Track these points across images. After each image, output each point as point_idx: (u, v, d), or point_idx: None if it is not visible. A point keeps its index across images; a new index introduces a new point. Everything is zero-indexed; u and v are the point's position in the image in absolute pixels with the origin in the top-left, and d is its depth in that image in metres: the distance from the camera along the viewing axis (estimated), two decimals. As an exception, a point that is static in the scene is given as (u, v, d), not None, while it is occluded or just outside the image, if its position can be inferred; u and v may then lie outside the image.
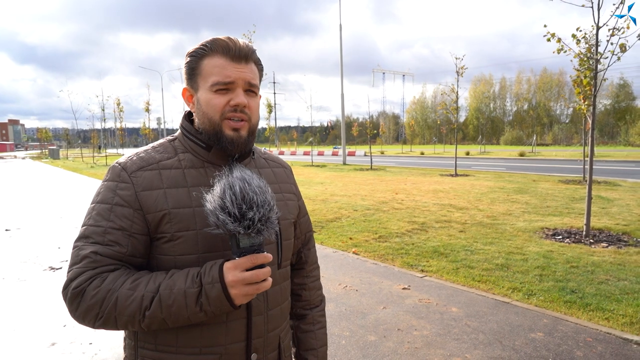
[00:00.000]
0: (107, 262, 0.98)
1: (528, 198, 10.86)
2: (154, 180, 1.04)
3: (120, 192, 1.02)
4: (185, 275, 0.97)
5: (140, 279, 0.97)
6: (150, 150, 1.11)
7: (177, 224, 1.02)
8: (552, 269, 5.16)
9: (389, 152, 58.52)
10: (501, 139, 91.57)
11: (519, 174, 18.21)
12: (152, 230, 1.03)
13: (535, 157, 35.61)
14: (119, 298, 0.94)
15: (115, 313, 0.94)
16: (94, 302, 0.94)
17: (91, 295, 0.94)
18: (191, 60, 1.08)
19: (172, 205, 1.02)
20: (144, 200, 1.02)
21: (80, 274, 0.96)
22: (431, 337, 3.54)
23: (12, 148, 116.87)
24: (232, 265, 0.94)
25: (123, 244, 1.00)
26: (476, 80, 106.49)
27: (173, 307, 0.94)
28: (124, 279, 0.97)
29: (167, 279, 0.96)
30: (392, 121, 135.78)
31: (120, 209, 1.01)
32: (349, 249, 6.36)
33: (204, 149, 1.10)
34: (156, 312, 0.94)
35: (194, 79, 1.08)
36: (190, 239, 1.02)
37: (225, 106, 1.05)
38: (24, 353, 3.39)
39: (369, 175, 19.24)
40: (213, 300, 0.94)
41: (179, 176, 1.06)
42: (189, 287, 0.95)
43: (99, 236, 0.99)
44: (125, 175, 1.04)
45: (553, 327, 3.68)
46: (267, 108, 34.07)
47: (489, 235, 6.95)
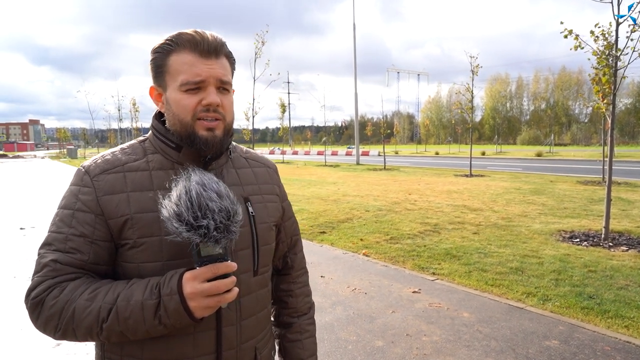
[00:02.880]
0: (67, 271, 0.93)
1: (545, 199, 10.62)
2: (116, 183, 0.98)
3: (82, 196, 0.97)
4: (145, 286, 0.90)
5: (99, 289, 0.91)
6: (118, 152, 1.05)
7: (140, 229, 0.95)
8: (568, 273, 4.99)
9: (403, 152, 58.12)
10: (518, 139, 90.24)
11: (535, 175, 17.86)
12: (116, 236, 0.97)
13: (552, 157, 34.95)
14: (76, 309, 0.89)
15: (73, 325, 0.90)
16: (52, 313, 0.90)
17: (49, 306, 0.90)
18: (157, 56, 1.00)
19: (134, 210, 0.96)
20: (105, 205, 0.96)
21: (40, 283, 0.92)
22: (441, 343, 3.43)
23: (32, 148, 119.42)
24: (191, 275, 0.87)
25: (84, 251, 0.94)
26: (492, 79, 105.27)
27: (130, 319, 0.88)
28: (83, 288, 0.91)
29: (126, 289, 0.90)
30: (407, 121, 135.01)
31: (81, 214, 0.96)
32: (360, 251, 6.26)
33: (173, 150, 1.03)
34: (113, 325, 0.89)
35: (161, 76, 1.01)
36: (154, 245, 0.96)
37: (197, 106, 0.97)
38: (30, 353, 3.39)
39: (382, 175, 19.08)
40: (171, 313, 0.88)
41: (145, 179, 1.00)
42: (146, 298, 0.89)
43: (60, 243, 0.94)
44: (88, 179, 0.98)
45: (569, 334, 3.53)
46: (281, 108, 34.12)
47: (503, 237, 6.78)
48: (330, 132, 48.01)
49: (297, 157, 43.87)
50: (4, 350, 3.45)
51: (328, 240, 6.94)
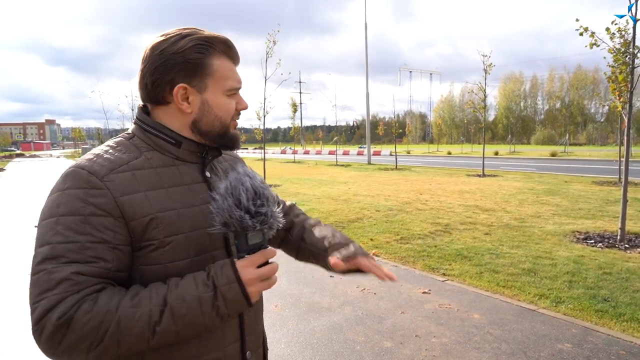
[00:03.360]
0: (92, 282, 0.86)
1: (559, 200, 10.45)
2: (129, 183, 0.93)
3: (94, 199, 0.89)
4: (194, 281, 0.90)
5: (141, 294, 0.88)
6: (111, 150, 0.99)
7: (165, 228, 0.94)
8: (582, 275, 4.89)
9: (415, 151, 57.79)
10: (532, 139, 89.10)
11: (549, 175, 17.60)
12: (137, 238, 0.93)
13: (567, 157, 34.44)
14: (121, 319, 0.83)
15: (118, 336, 0.83)
16: (88, 330, 0.82)
17: (83, 323, 0.82)
18: (198, 57, 0.99)
19: (157, 209, 0.94)
20: (125, 206, 0.91)
21: (60, 300, 0.82)
22: (450, 345, 3.39)
23: (48, 147, 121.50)
24: (247, 262, 0.92)
25: (108, 258, 0.89)
26: (506, 78, 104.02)
27: (188, 316, 0.88)
28: (119, 296, 0.86)
29: (173, 289, 0.89)
30: (419, 120, 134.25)
31: (97, 219, 0.88)
32: (370, 251, 6.22)
33: (173, 146, 1.03)
34: (168, 326, 0.86)
35: (199, 77, 1.01)
36: (180, 243, 0.96)
37: (234, 109, 1.08)
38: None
39: (394, 175, 18.98)
40: (230, 302, 0.90)
41: (153, 176, 0.98)
42: (202, 292, 0.89)
43: (75, 254, 0.85)
44: (96, 180, 0.90)
45: (582, 338, 3.46)
46: (292, 107, 34.12)
47: (515, 238, 6.69)
48: (342, 132, 47.94)
49: (309, 157, 43.87)
50: (15, 348, 3.50)
51: (338, 240, 6.90)
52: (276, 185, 15.20)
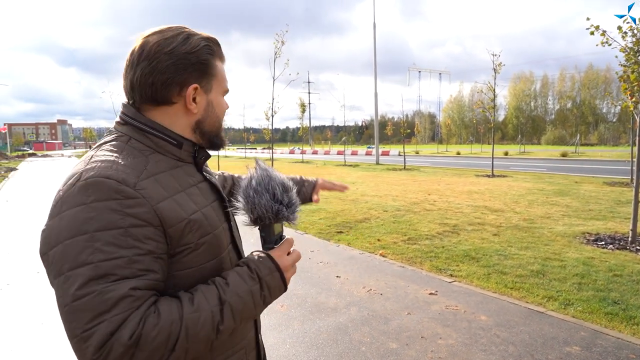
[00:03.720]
0: (148, 296, 0.82)
1: (569, 200, 10.33)
2: (157, 189, 0.90)
3: (131, 210, 0.83)
4: (239, 277, 0.95)
5: (195, 298, 0.87)
6: (117, 155, 0.92)
7: (198, 230, 0.95)
8: (592, 277, 4.82)
9: (424, 151, 57.52)
10: (542, 139, 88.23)
11: (560, 175, 17.41)
12: (173, 245, 0.90)
13: (578, 157, 34.03)
14: (188, 326, 0.82)
15: (187, 345, 0.82)
16: (157, 345, 0.79)
17: (152, 337, 0.78)
18: (208, 58, 1.01)
19: (188, 212, 0.93)
20: (162, 213, 0.87)
21: (124, 319, 0.77)
22: (457, 346, 3.36)
23: (60, 147, 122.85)
24: (280, 252, 1.02)
25: (156, 269, 0.85)
26: (516, 77, 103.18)
27: (244, 310, 0.93)
28: (176, 305, 0.84)
29: (225, 287, 0.91)
30: (428, 120, 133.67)
31: (138, 230, 0.83)
32: (376, 251, 6.20)
33: (175, 147, 1.01)
34: (229, 323, 0.89)
35: (207, 78, 1.02)
36: (210, 243, 0.99)
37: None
38: (48, 347, 3.46)
39: (402, 175, 18.91)
40: (273, 290, 0.98)
41: (171, 180, 0.95)
42: (251, 285, 0.94)
43: (124, 269, 0.80)
44: (129, 190, 0.84)
45: (591, 341, 3.41)
46: (301, 107, 34.16)
47: (524, 239, 6.62)
48: (350, 132, 47.88)
49: (317, 157, 43.87)
50: (26, 345, 3.54)
51: (345, 240, 6.90)
52: (284, 185, 15.19)
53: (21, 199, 12.76)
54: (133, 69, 0.97)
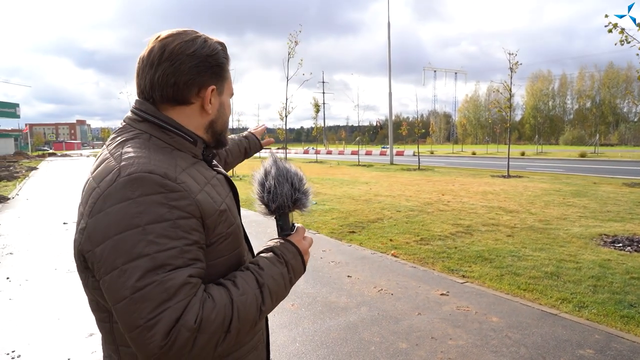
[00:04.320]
0: (200, 283, 0.88)
1: (586, 202, 10.14)
2: (192, 182, 0.94)
3: (177, 202, 0.87)
4: (269, 261, 1.02)
5: (238, 283, 0.94)
6: (149, 152, 0.94)
7: (227, 220, 1.01)
8: (608, 279, 4.74)
9: (438, 152, 57.07)
10: (560, 139, 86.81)
11: (578, 176, 17.11)
12: (209, 235, 0.94)
13: (597, 158, 33.38)
14: (239, 308, 0.88)
15: (239, 325, 0.88)
16: (217, 326, 0.84)
17: (212, 320, 0.83)
18: (225, 62, 1.08)
19: (218, 204, 0.99)
20: (202, 205, 0.92)
21: (185, 306, 0.82)
22: (467, 347, 3.33)
23: (79, 147, 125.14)
24: (298, 237, 1.10)
25: (202, 258, 0.91)
26: (533, 77, 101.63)
27: (279, 292, 1.01)
28: (224, 289, 0.91)
29: (260, 271, 0.99)
30: (443, 120, 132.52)
31: (185, 222, 0.87)
32: (388, 251, 6.19)
33: (192, 144, 1.05)
34: (269, 304, 0.97)
35: (222, 81, 1.08)
36: (236, 232, 1.05)
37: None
38: (64, 341, 3.54)
39: (416, 175, 18.80)
40: (297, 272, 1.07)
41: (197, 174, 1.00)
42: (282, 268, 1.03)
43: (177, 259, 0.84)
44: (172, 183, 0.88)
45: (606, 344, 3.35)
46: (315, 107, 34.20)
47: (539, 240, 6.53)
48: (364, 132, 47.76)
49: (331, 157, 43.87)
50: (43, 339, 3.62)
51: (357, 240, 6.89)
52: (297, 185, 15.25)
53: (41, 197, 13.05)
54: (154, 69, 0.99)
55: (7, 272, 5.43)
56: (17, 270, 5.50)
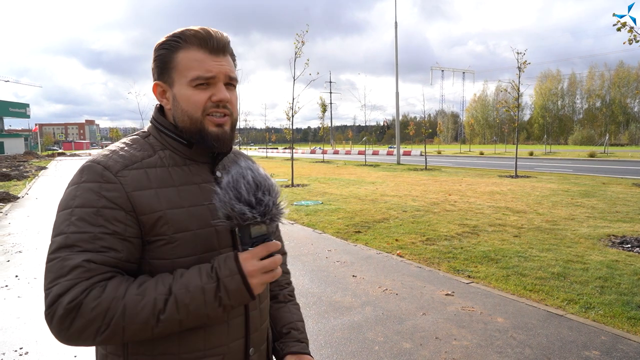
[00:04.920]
0: (102, 270, 0.90)
1: (595, 202, 10.05)
2: (142, 180, 0.97)
3: (107, 193, 0.93)
4: (198, 272, 0.93)
5: (146, 283, 0.91)
6: (126, 147, 1.02)
7: (174, 225, 0.97)
8: (616, 280, 4.69)
9: (446, 151, 56.82)
10: (569, 139, 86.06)
11: (587, 176, 16.94)
12: (146, 232, 0.96)
13: (607, 158, 33.04)
14: (127, 306, 0.87)
15: (123, 323, 0.87)
16: (95, 315, 0.85)
17: (91, 308, 0.85)
18: (163, 53, 1.02)
19: (166, 207, 0.97)
20: (136, 201, 0.95)
21: (71, 286, 0.86)
22: (471, 348, 3.32)
23: (87, 146, 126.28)
24: (249, 255, 0.93)
25: (118, 248, 0.92)
26: (542, 76, 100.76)
27: (190, 305, 0.90)
28: (126, 285, 0.90)
29: (179, 279, 0.92)
30: (451, 120, 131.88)
31: (109, 211, 0.92)
32: (394, 251, 6.18)
33: (185, 146, 1.05)
34: (172, 314, 0.89)
35: (167, 73, 1.02)
36: (188, 240, 0.98)
37: (207, 102, 1.00)
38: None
39: (423, 175, 18.73)
40: (233, 293, 0.92)
41: (165, 175, 1.00)
42: (205, 283, 0.91)
43: (87, 243, 0.89)
44: (110, 175, 0.94)
45: (612, 345, 3.33)
46: (322, 107, 34.19)
47: (546, 241, 6.48)
48: (371, 132, 47.73)
49: (338, 157, 43.83)
50: (50, 337, 3.66)
51: (362, 240, 6.89)
52: (304, 185, 15.27)
53: (50, 196, 13.18)
54: None
55: (16, 270, 5.49)
56: (26, 269, 5.57)
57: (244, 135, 62.68)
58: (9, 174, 20.08)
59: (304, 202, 11.07)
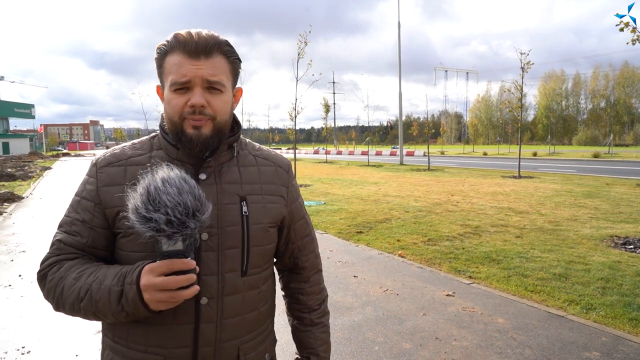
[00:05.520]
0: (69, 251, 1.04)
1: (598, 203, 10.01)
2: (117, 176, 1.05)
3: (88, 186, 1.08)
4: (116, 272, 0.96)
5: (86, 270, 0.99)
6: (128, 146, 1.12)
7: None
8: (618, 281, 4.68)
9: (449, 152, 56.70)
10: (574, 139, 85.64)
11: (590, 177, 16.87)
12: (111, 224, 1.05)
13: (611, 158, 32.88)
14: (65, 287, 0.99)
15: (62, 300, 1.00)
16: (50, 287, 1.01)
17: (49, 280, 1.02)
18: (157, 57, 1.04)
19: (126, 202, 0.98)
20: (103, 195, 1.05)
21: (47, 258, 1.05)
22: (471, 348, 3.32)
23: (92, 147, 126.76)
24: (149, 268, 0.91)
25: (84, 235, 1.05)
26: (546, 76, 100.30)
27: (99, 302, 0.95)
28: (75, 268, 1.00)
29: (102, 273, 0.98)
30: (454, 120, 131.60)
31: (85, 202, 1.06)
32: (395, 252, 6.18)
33: (173, 147, 1.07)
34: (87, 306, 0.96)
35: (160, 77, 1.05)
36: (140, 236, 0.95)
37: (184, 107, 0.99)
38: (72, 338, 3.60)
39: (426, 176, 18.71)
40: (130, 302, 0.92)
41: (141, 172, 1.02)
42: (114, 284, 0.94)
43: (67, 226, 1.06)
44: (94, 171, 1.08)
45: (613, 346, 3.32)
46: (324, 108, 34.21)
47: (548, 241, 6.46)
48: (375, 132, 47.68)
49: (341, 157, 43.85)
50: (51, 336, 3.69)
51: (364, 241, 6.90)
52: (307, 185, 15.29)
53: (54, 197, 13.24)
54: None
55: (19, 270, 5.53)
56: (29, 268, 5.60)
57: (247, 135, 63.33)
58: (14, 174, 20.20)
59: (307, 202, 11.09)
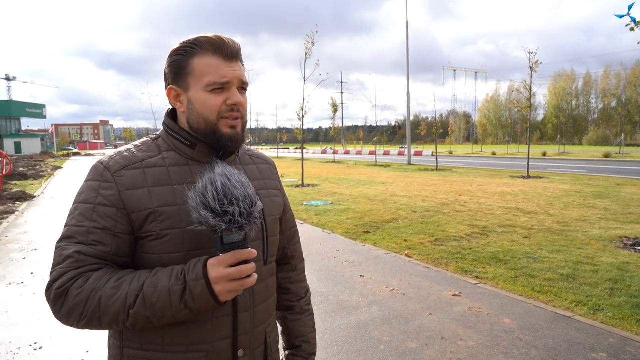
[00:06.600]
0: (90, 262, 0.98)
1: (608, 203, 9.93)
2: (137, 179, 1.03)
3: (104, 192, 1.02)
4: (170, 273, 0.96)
5: (124, 278, 0.97)
6: (133, 149, 1.10)
7: (163, 222, 1.02)
8: (626, 282, 4.65)
9: (458, 152, 56.39)
10: (584, 139, 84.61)
11: (600, 177, 16.71)
12: (137, 229, 1.02)
13: (622, 158, 32.49)
14: (102, 297, 0.94)
15: (99, 312, 0.94)
16: (78, 302, 0.94)
17: (74, 295, 0.94)
18: (179, 59, 1.07)
19: (157, 204, 1.02)
20: (127, 199, 1.01)
21: (63, 274, 0.96)
22: (477, 348, 3.33)
23: (102, 146, 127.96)
24: (216, 261, 0.94)
25: (107, 243, 1.00)
26: (556, 75, 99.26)
27: (157, 305, 0.94)
28: (107, 277, 0.96)
29: (151, 277, 0.96)
30: (463, 120, 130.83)
31: (103, 208, 1.01)
32: (402, 252, 6.19)
33: (188, 147, 1.10)
34: (140, 311, 0.94)
35: (182, 78, 1.07)
36: (176, 237, 1.02)
37: (222, 106, 1.06)
38: (83, 335, 3.66)
39: (434, 176, 18.65)
40: (197, 298, 0.94)
41: (163, 174, 1.06)
42: (173, 284, 0.94)
43: (82, 236, 0.99)
44: (109, 175, 1.03)
45: (620, 347, 3.31)
46: (332, 107, 34.20)
47: (556, 242, 6.43)
48: (383, 132, 47.60)
49: (349, 157, 43.81)
50: (63, 332, 3.76)
51: (371, 240, 6.91)
52: (314, 185, 15.32)
53: (65, 196, 13.41)
54: None
55: (32, 267, 5.63)
56: (42, 266, 5.70)
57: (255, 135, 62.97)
58: (26, 174, 20.48)
59: (314, 202, 11.12)
